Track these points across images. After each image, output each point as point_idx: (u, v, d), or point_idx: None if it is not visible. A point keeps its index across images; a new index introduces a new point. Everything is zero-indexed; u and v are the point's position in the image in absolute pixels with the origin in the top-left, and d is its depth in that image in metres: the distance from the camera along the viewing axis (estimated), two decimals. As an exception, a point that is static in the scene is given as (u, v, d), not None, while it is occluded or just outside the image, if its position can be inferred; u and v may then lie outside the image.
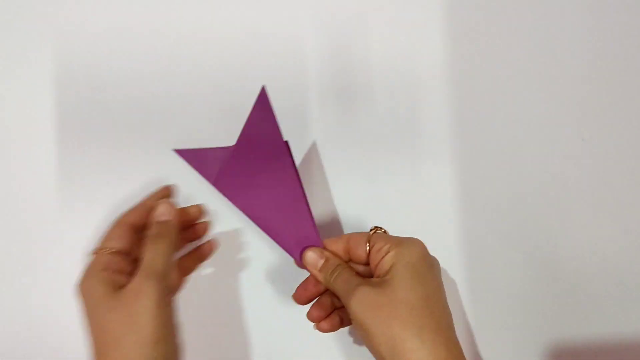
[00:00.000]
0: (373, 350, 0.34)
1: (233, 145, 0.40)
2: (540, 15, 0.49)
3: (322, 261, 0.38)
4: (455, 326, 0.35)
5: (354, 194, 0.47)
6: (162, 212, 0.38)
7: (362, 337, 0.35)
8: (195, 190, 0.46)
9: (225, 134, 0.46)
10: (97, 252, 0.37)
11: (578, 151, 0.48)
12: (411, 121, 0.47)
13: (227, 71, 0.47)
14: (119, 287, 0.34)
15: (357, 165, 0.47)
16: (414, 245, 0.36)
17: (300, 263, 0.39)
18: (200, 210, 0.42)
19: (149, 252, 0.36)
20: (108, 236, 0.38)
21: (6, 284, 0.45)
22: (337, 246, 0.39)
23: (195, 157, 0.42)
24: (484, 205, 0.47)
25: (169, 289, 0.35)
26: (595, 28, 0.49)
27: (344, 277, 0.37)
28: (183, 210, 0.41)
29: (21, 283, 0.45)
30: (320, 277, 0.38)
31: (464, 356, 0.34)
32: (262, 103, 0.38)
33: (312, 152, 0.47)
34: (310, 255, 0.38)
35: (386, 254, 0.36)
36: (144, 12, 0.47)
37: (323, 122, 0.47)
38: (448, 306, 0.35)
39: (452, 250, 0.46)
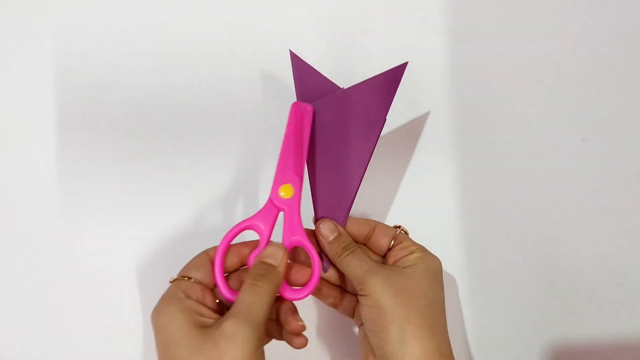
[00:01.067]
0: (381, 328, 0.34)
1: (342, 88, 0.40)
2: (541, 15, 0.49)
3: (334, 235, 0.38)
4: (456, 325, 0.36)
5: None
6: (271, 255, 0.35)
7: (371, 315, 0.35)
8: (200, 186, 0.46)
9: (225, 133, 0.47)
10: (176, 279, 0.34)
11: (578, 151, 0.48)
12: (411, 121, 0.48)
13: (227, 71, 0.47)
14: (204, 326, 0.31)
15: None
16: (436, 258, 0.38)
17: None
18: (301, 327, 0.37)
19: (247, 294, 0.32)
20: (189, 266, 0.35)
21: (6, 284, 0.45)
22: (361, 229, 0.39)
23: (302, 71, 0.40)
24: (484, 205, 0.47)
25: (263, 340, 0.32)
26: (595, 28, 0.49)
27: (360, 256, 0.37)
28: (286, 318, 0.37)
29: (21, 283, 0.45)
30: (329, 249, 0.38)
31: None
32: (394, 78, 0.39)
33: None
34: (325, 226, 0.38)
35: (411, 254, 0.37)
36: (144, 12, 0.47)
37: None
38: None
39: (452, 250, 0.46)
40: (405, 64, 0.39)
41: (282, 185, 0.37)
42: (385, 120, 0.39)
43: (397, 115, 0.47)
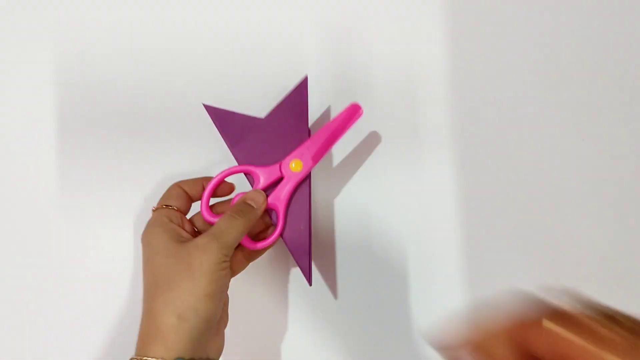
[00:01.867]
0: None
1: (262, 118, 0.42)
2: (540, 15, 0.49)
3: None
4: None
5: (354, 193, 0.47)
6: (253, 198, 0.39)
7: None
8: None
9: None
10: (158, 208, 0.38)
11: (578, 151, 0.48)
12: (411, 121, 0.48)
13: (227, 71, 0.47)
14: (182, 241, 0.36)
15: (357, 165, 0.47)
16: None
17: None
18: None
19: (224, 221, 0.37)
20: (166, 196, 0.39)
21: (7, 284, 0.45)
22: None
23: (221, 117, 0.42)
24: (484, 205, 0.47)
25: (229, 261, 0.36)
26: (595, 28, 0.49)
27: None
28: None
29: (22, 283, 0.45)
30: None
31: None
32: (300, 91, 0.42)
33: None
34: None
35: None
36: (144, 12, 0.48)
37: (323, 121, 0.47)
38: None
39: (452, 249, 0.46)
40: (306, 78, 0.41)
41: (296, 159, 0.40)
42: (310, 131, 0.41)
43: (396, 114, 0.47)
